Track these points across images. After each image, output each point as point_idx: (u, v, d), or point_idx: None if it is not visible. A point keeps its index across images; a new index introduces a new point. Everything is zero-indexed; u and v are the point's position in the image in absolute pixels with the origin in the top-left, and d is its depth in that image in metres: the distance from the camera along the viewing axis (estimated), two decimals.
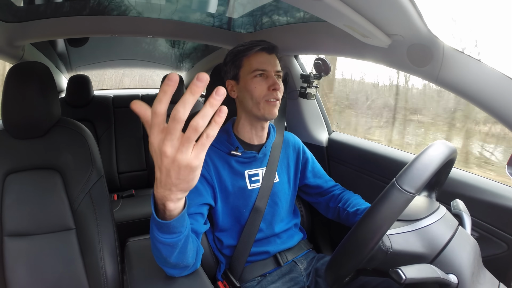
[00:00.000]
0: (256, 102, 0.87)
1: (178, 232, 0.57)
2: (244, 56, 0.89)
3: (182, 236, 0.59)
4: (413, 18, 0.70)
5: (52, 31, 1.28)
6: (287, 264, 0.95)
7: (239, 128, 0.94)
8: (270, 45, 0.89)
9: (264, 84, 0.87)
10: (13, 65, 0.90)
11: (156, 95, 0.38)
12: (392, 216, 0.51)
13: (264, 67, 0.87)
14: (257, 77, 0.87)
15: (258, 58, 0.88)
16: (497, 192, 0.82)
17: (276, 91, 0.86)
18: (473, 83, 0.74)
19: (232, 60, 0.91)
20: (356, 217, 0.92)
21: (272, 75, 0.88)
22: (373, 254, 0.54)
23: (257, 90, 0.87)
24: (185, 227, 0.59)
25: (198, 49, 2.19)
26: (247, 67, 0.89)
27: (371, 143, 1.25)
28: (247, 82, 0.88)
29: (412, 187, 0.51)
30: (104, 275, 0.90)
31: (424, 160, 0.53)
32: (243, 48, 0.89)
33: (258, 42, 0.89)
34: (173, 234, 0.57)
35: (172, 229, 0.55)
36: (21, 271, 0.86)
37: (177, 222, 0.54)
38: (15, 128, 0.91)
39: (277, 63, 0.90)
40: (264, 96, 0.87)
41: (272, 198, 0.94)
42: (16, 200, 0.89)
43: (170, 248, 0.61)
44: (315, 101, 1.41)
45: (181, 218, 0.54)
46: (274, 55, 0.91)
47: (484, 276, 0.58)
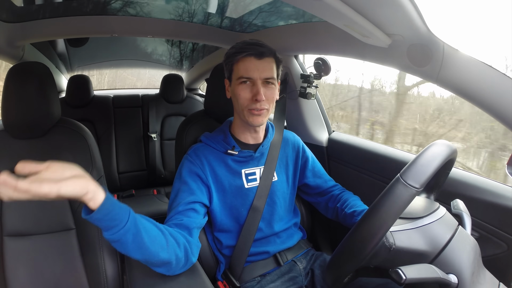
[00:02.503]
0: (241, 109, 0.86)
1: (115, 226, 0.60)
2: (234, 61, 0.86)
3: (123, 230, 0.61)
4: (413, 18, 0.70)
5: (52, 31, 1.28)
6: (287, 264, 0.95)
7: (235, 128, 0.94)
8: (258, 50, 0.83)
9: (248, 93, 0.84)
10: (13, 65, 0.90)
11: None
12: (397, 210, 0.51)
13: (250, 75, 0.83)
14: (243, 84, 0.84)
15: (245, 64, 0.83)
16: (497, 192, 0.82)
17: (258, 101, 0.82)
18: (473, 83, 0.74)
19: (225, 62, 0.89)
20: (353, 218, 0.92)
21: (258, 83, 0.82)
22: (376, 251, 0.55)
23: (241, 98, 0.84)
24: (122, 221, 0.61)
25: (198, 49, 2.19)
26: (235, 72, 0.86)
27: (371, 143, 1.25)
28: (234, 88, 0.86)
29: (417, 182, 0.51)
30: (104, 275, 0.90)
31: (427, 157, 0.54)
32: (233, 52, 0.86)
33: (246, 48, 0.83)
34: (111, 229, 0.60)
35: (105, 222, 0.59)
36: (21, 271, 0.86)
37: (99, 214, 0.57)
38: (15, 128, 0.91)
39: (266, 69, 0.83)
40: (247, 105, 0.84)
41: (270, 197, 0.94)
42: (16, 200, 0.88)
43: (121, 245, 0.63)
44: (315, 101, 1.41)
45: (104, 209, 0.57)
46: (266, 59, 0.84)
47: (484, 276, 0.58)
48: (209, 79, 1.13)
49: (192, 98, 2.15)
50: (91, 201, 0.56)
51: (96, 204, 0.57)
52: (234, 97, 0.87)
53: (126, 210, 0.62)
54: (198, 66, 2.35)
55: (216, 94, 1.08)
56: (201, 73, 2.33)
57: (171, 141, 2.02)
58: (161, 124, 2.05)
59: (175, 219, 0.78)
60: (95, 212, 0.57)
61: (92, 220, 0.58)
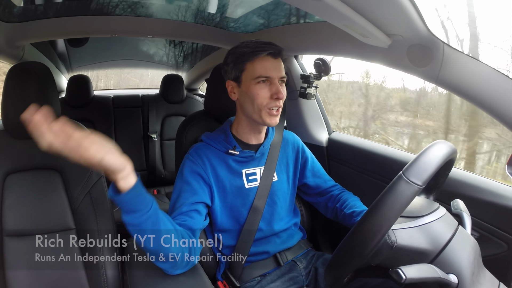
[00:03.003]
0: (258, 109, 0.84)
1: (139, 210, 0.61)
2: (248, 60, 0.84)
3: (145, 216, 0.62)
4: (413, 18, 0.70)
5: (52, 31, 1.28)
6: (287, 264, 0.95)
7: (238, 128, 0.94)
8: (276, 49, 0.84)
9: (267, 92, 0.83)
10: (13, 65, 0.90)
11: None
12: (400, 207, 0.51)
13: (269, 74, 0.83)
14: (260, 83, 0.83)
15: (263, 64, 0.83)
16: (497, 192, 0.83)
17: (279, 100, 0.84)
18: (473, 83, 0.74)
19: (235, 62, 0.86)
20: (352, 219, 0.92)
21: (276, 82, 0.84)
22: (378, 249, 0.55)
23: (259, 97, 0.83)
24: (147, 206, 0.63)
25: (198, 49, 2.19)
26: (250, 71, 0.84)
27: (371, 143, 1.25)
28: (249, 88, 0.84)
29: (419, 179, 0.52)
30: (104, 275, 0.90)
31: (429, 155, 0.55)
32: (248, 51, 0.84)
33: (264, 46, 0.84)
34: (134, 213, 0.61)
35: (131, 206, 0.61)
36: (21, 271, 0.86)
37: (129, 195, 0.59)
38: (15, 128, 0.91)
39: (282, 69, 0.86)
40: (266, 105, 0.84)
41: (271, 197, 0.94)
42: (16, 200, 0.89)
43: (138, 231, 0.64)
44: (315, 101, 1.41)
45: (134, 192, 0.60)
46: (279, 59, 0.86)
47: (484, 276, 0.58)
48: (209, 79, 1.13)
49: (192, 98, 2.15)
50: (123, 180, 0.58)
51: (128, 185, 0.59)
52: (249, 98, 0.85)
53: (150, 198, 0.65)
54: (198, 66, 2.35)
55: (216, 94, 1.08)
56: (201, 73, 2.33)
57: (171, 141, 2.02)
58: (161, 124, 2.05)
59: (178, 219, 0.79)
60: (126, 193, 0.58)
61: (119, 201, 0.59)
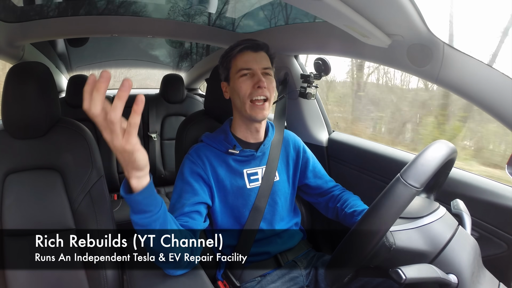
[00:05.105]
0: (243, 102, 0.87)
1: (149, 211, 0.61)
2: (231, 57, 0.90)
3: (155, 217, 0.62)
4: (413, 18, 0.70)
5: (52, 31, 1.28)
6: (287, 264, 0.95)
7: (235, 127, 0.95)
8: (254, 43, 0.89)
9: (250, 83, 0.87)
10: (13, 65, 0.90)
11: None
12: (397, 210, 0.51)
13: (249, 66, 0.87)
14: (243, 76, 0.87)
15: (243, 57, 0.88)
16: (497, 192, 0.82)
17: (261, 88, 0.85)
18: (473, 83, 0.74)
19: (222, 62, 0.92)
20: (353, 218, 0.92)
21: (258, 73, 0.87)
22: (376, 251, 0.55)
23: (242, 90, 0.87)
24: (156, 207, 0.62)
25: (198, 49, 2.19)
26: (234, 67, 0.89)
27: (371, 143, 1.25)
28: (235, 83, 0.89)
29: (417, 182, 0.52)
30: (104, 275, 0.90)
31: (427, 156, 0.54)
32: (229, 49, 0.90)
33: (243, 42, 0.89)
34: (144, 213, 0.61)
35: (141, 206, 0.60)
36: (21, 271, 0.86)
37: (140, 196, 0.59)
38: (15, 128, 0.91)
39: (263, 60, 0.89)
40: (250, 95, 0.86)
41: (272, 197, 0.94)
42: (16, 200, 0.89)
43: (146, 231, 0.64)
44: (315, 101, 1.41)
45: (146, 193, 0.59)
46: (261, 53, 0.90)
47: (484, 276, 0.58)
48: (209, 79, 1.13)
49: (192, 98, 2.15)
50: (137, 179, 0.57)
51: (141, 185, 0.58)
52: (235, 92, 0.89)
53: (160, 199, 0.65)
54: (198, 66, 2.35)
55: (216, 94, 1.08)
56: (201, 73, 2.33)
57: (171, 141, 2.02)
58: (161, 124, 2.04)
59: (180, 220, 0.79)
60: (138, 193, 0.58)
61: (131, 200, 0.59)
